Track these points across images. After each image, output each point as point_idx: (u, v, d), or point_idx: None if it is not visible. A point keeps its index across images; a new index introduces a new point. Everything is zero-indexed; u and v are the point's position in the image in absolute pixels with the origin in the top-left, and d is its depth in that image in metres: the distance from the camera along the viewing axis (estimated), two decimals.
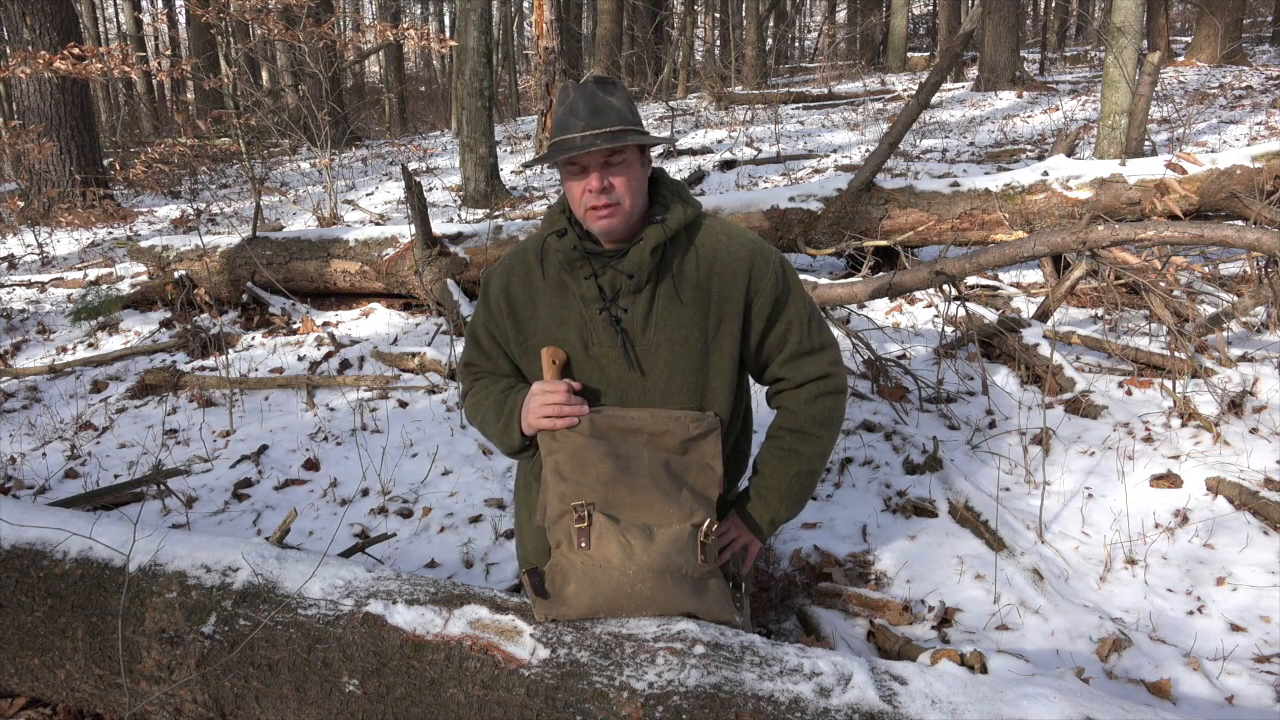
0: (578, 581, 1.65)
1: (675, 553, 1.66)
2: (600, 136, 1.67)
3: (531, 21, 14.86)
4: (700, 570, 1.68)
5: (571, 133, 1.68)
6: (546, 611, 1.65)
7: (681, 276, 1.78)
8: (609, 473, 1.69)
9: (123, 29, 24.16)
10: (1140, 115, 6.44)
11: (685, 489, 1.73)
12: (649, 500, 1.69)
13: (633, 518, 1.69)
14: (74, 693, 1.95)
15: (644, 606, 1.64)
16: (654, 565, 1.64)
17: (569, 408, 1.73)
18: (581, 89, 1.72)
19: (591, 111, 1.68)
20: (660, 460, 1.73)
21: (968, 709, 1.43)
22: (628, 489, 1.69)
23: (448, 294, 5.10)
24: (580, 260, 1.75)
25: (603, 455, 1.70)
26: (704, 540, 1.69)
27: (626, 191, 1.71)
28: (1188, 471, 2.89)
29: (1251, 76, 12.55)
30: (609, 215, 1.70)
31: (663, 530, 1.68)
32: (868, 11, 21.84)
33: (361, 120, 17.77)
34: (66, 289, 6.63)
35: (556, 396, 1.73)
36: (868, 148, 10.00)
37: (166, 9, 25.62)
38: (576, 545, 1.67)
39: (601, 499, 1.69)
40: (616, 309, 1.76)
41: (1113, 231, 3.38)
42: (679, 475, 1.74)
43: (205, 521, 3.18)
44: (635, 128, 1.71)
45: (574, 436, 1.73)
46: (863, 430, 3.41)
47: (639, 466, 1.71)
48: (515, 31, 23.69)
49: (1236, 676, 2.07)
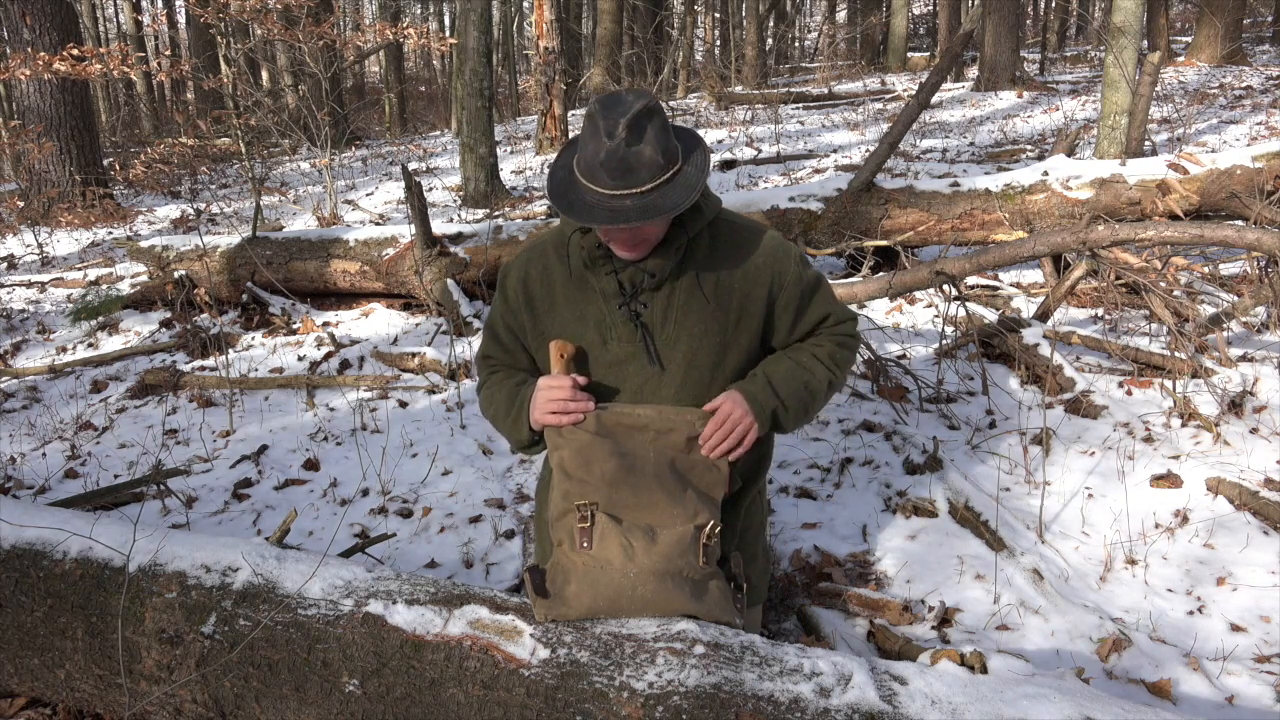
0: (578, 582, 1.65)
1: (677, 555, 1.66)
2: (631, 199, 1.58)
3: (531, 21, 14.86)
4: (701, 572, 1.68)
5: (599, 186, 1.59)
6: (547, 611, 1.65)
7: (703, 273, 1.77)
8: (614, 472, 1.68)
9: (123, 29, 24.15)
10: (1140, 115, 6.44)
11: (690, 489, 1.71)
12: (653, 501, 1.69)
13: (636, 519, 1.68)
14: (74, 693, 1.95)
15: (644, 609, 1.64)
16: (655, 568, 1.64)
17: (574, 403, 1.70)
18: (613, 142, 1.57)
19: (623, 171, 1.57)
20: (666, 460, 1.71)
21: (968, 709, 1.43)
22: (632, 489, 1.68)
23: (448, 294, 5.10)
24: (603, 258, 1.75)
25: (608, 454, 1.69)
26: (706, 542, 1.68)
27: (655, 234, 1.69)
28: (1188, 471, 2.89)
29: (1251, 76, 12.55)
30: (635, 250, 1.71)
31: (665, 532, 1.67)
32: (868, 11, 21.84)
33: (361, 120, 17.77)
34: (66, 289, 6.64)
35: (561, 392, 1.70)
36: (868, 148, 10.00)
37: (166, 9, 25.63)
38: (578, 545, 1.67)
39: (605, 499, 1.68)
40: (637, 304, 1.76)
41: (1113, 231, 3.38)
42: (684, 475, 1.72)
43: (205, 521, 3.18)
44: (669, 173, 1.61)
45: (579, 434, 1.70)
46: (863, 430, 3.41)
47: (644, 466, 1.69)
48: (515, 31, 23.68)
49: (1236, 676, 2.07)
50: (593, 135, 1.61)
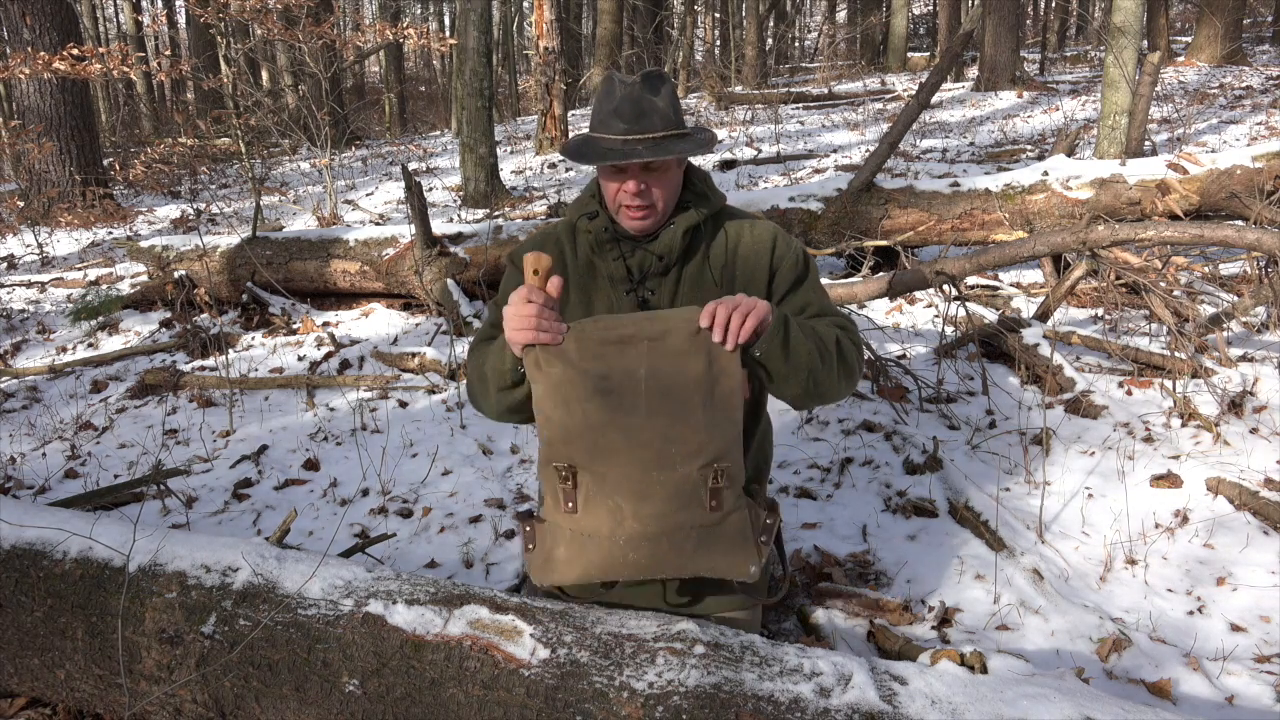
0: (567, 547, 1.57)
1: (676, 509, 1.50)
2: (643, 144, 1.63)
3: (531, 21, 14.85)
4: (711, 517, 1.52)
5: (612, 133, 1.65)
6: (540, 579, 1.62)
7: (709, 259, 1.78)
8: (596, 413, 1.48)
9: (123, 29, 24.15)
10: (1140, 115, 6.44)
11: (698, 411, 1.48)
12: (647, 440, 1.48)
13: (627, 469, 1.50)
14: (74, 693, 1.95)
15: (640, 573, 1.57)
16: (647, 532, 1.52)
17: (544, 321, 1.49)
18: (628, 87, 1.66)
19: (636, 114, 1.64)
20: (663, 377, 1.48)
21: (968, 709, 1.43)
22: (621, 431, 1.48)
23: (448, 294, 5.10)
24: (610, 242, 1.76)
25: (589, 391, 1.48)
26: (715, 486, 1.50)
27: (663, 196, 1.71)
28: (1188, 471, 2.89)
29: (1251, 76, 12.55)
30: (643, 218, 1.71)
31: (663, 478, 1.49)
32: (868, 11, 21.84)
33: (361, 120, 17.76)
34: (66, 289, 6.64)
35: (529, 308, 1.49)
36: (868, 148, 10.00)
37: (166, 9, 25.62)
38: (563, 506, 1.56)
39: (589, 448, 1.50)
40: (644, 290, 1.76)
41: (1113, 231, 3.38)
42: (689, 391, 1.49)
43: (205, 521, 3.18)
44: (679, 130, 1.68)
45: (555, 364, 1.49)
46: (863, 430, 3.41)
47: (635, 400, 1.48)
48: (515, 31, 23.68)
49: (1236, 676, 2.07)
50: (607, 93, 1.69)
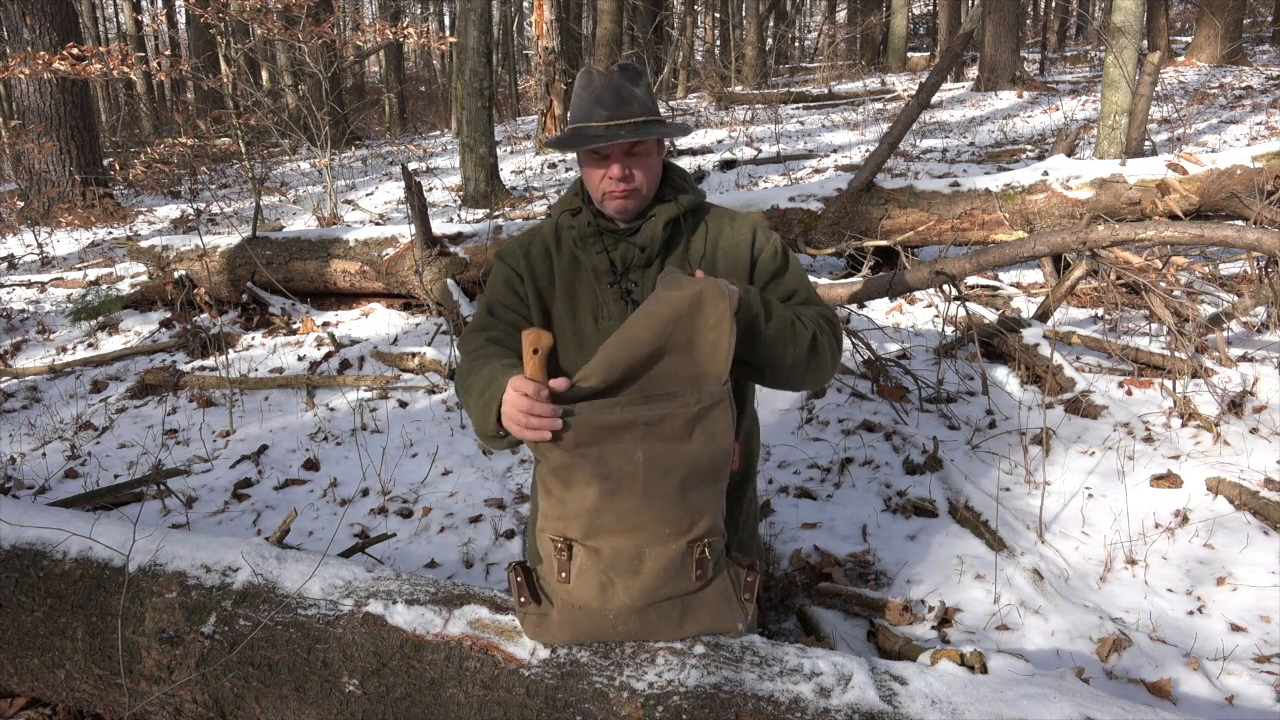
0: (560, 613, 1.60)
1: (664, 582, 1.55)
2: (624, 128, 1.70)
3: (531, 21, 14.86)
4: (695, 585, 1.58)
5: (594, 121, 1.72)
6: (534, 631, 1.62)
7: (690, 251, 1.82)
8: (595, 497, 1.53)
9: (123, 29, 24.15)
10: (1140, 115, 6.44)
11: (690, 489, 1.55)
12: (640, 522, 1.54)
13: (620, 545, 1.55)
14: (74, 693, 1.95)
15: (631, 638, 1.60)
16: (635, 605, 1.56)
17: (537, 418, 1.48)
18: (606, 76, 1.74)
19: (617, 102, 1.71)
20: (660, 461, 1.53)
21: (968, 709, 1.43)
22: (615, 515, 1.53)
23: (448, 294, 5.10)
24: (593, 235, 1.80)
25: (589, 476, 1.52)
26: (701, 555, 1.56)
27: (645, 179, 1.77)
28: (1188, 471, 2.89)
29: (1251, 76, 12.55)
30: (626, 197, 1.76)
31: (654, 553, 1.55)
32: (868, 11, 21.83)
33: (361, 120, 17.76)
34: (66, 289, 6.64)
35: (524, 403, 1.48)
36: (868, 148, 10.00)
37: (166, 9, 25.62)
38: (557, 574, 1.59)
39: (586, 525, 1.55)
40: (627, 282, 1.79)
41: (1113, 231, 3.38)
42: (682, 471, 1.54)
43: (205, 521, 3.18)
44: (656, 118, 1.76)
45: (556, 452, 1.52)
46: (863, 430, 3.41)
47: (630, 483, 1.53)
48: (515, 31, 23.68)
49: (1236, 676, 2.07)
50: (587, 85, 1.75)
